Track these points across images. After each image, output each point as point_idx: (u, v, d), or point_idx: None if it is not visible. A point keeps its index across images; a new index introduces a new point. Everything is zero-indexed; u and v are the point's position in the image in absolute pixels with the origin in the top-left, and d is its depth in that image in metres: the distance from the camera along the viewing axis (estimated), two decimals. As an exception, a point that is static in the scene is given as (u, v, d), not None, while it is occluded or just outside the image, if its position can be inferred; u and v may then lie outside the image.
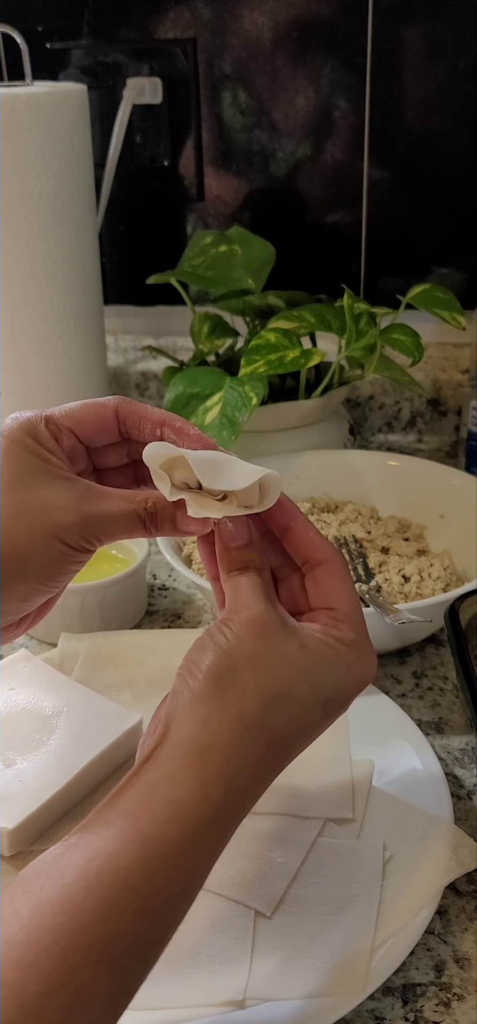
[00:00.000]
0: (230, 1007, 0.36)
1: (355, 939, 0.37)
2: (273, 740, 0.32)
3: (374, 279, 0.89)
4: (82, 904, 0.27)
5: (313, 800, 0.45)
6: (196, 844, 0.29)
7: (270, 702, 0.32)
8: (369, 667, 0.36)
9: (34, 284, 0.74)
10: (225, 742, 0.31)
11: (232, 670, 0.32)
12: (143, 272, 0.79)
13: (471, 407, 0.79)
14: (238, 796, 0.31)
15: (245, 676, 0.32)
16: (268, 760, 0.32)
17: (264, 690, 0.32)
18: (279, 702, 0.32)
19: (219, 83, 0.85)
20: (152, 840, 0.29)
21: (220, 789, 0.30)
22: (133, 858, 0.28)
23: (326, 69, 0.83)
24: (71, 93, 0.73)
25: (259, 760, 0.32)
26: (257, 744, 0.31)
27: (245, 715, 0.31)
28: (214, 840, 0.30)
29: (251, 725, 0.31)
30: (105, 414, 0.38)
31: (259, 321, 0.75)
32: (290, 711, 0.32)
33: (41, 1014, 0.25)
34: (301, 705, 0.33)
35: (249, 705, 0.31)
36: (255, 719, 0.31)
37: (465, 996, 0.37)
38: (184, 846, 0.29)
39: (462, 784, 0.47)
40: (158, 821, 0.29)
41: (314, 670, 0.33)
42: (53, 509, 0.35)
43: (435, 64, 0.81)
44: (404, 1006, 0.36)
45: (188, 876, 0.29)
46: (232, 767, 0.30)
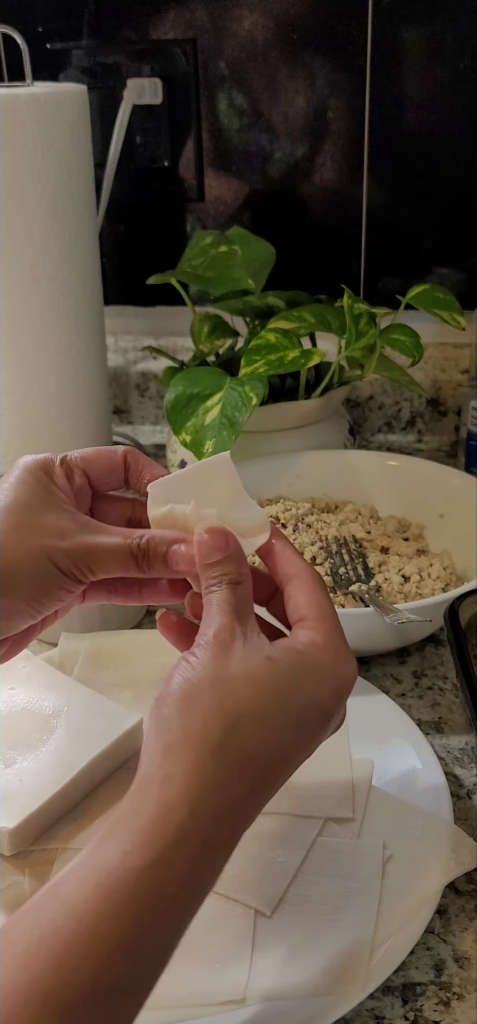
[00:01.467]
0: (230, 1006, 0.36)
1: (355, 938, 0.38)
2: (242, 762, 0.31)
3: (374, 279, 0.89)
4: (35, 955, 0.26)
5: (313, 799, 0.45)
6: (158, 871, 0.28)
7: (234, 722, 0.31)
8: (346, 669, 0.34)
9: (34, 284, 0.74)
10: (188, 765, 0.30)
11: (196, 693, 0.31)
12: (143, 272, 0.79)
13: (471, 407, 0.79)
14: (208, 821, 0.29)
15: (207, 698, 0.31)
16: (240, 785, 0.31)
17: (226, 710, 0.31)
18: (243, 720, 0.31)
19: (219, 84, 0.86)
20: (111, 873, 0.28)
21: (183, 812, 0.29)
22: (89, 897, 0.27)
23: (326, 70, 0.83)
24: (71, 94, 0.73)
25: (229, 784, 0.30)
26: (225, 767, 0.30)
27: (208, 737, 0.30)
28: (185, 867, 0.29)
29: (215, 747, 0.30)
30: (115, 459, 0.40)
31: (259, 321, 0.75)
32: (258, 730, 0.31)
33: None
34: (270, 723, 0.32)
35: (211, 727, 0.30)
36: (218, 741, 0.30)
37: (465, 995, 0.37)
38: (145, 875, 0.28)
39: (462, 784, 0.48)
40: (119, 854, 0.28)
41: (282, 682, 0.32)
42: (51, 533, 0.36)
43: (435, 65, 0.81)
44: (404, 1005, 0.37)
45: (151, 909, 0.28)
46: (196, 790, 0.29)
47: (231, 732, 0.31)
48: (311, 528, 0.62)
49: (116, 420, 0.96)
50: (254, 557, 0.40)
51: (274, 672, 0.32)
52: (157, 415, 0.96)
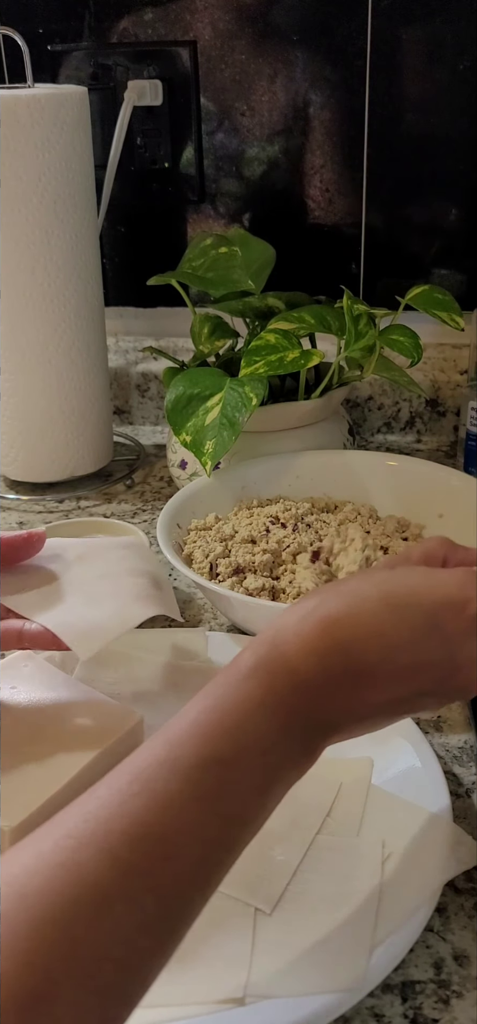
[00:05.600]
0: (230, 1004, 0.36)
1: (354, 936, 0.38)
2: (324, 620, 0.33)
3: (373, 280, 0.89)
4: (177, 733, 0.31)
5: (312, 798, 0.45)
6: (237, 687, 0.31)
7: (328, 595, 0.34)
8: (464, 583, 0.34)
9: (35, 286, 0.75)
10: (278, 621, 0.34)
11: (313, 591, 0.36)
12: (144, 273, 0.79)
13: (470, 407, 0.79)
14: (282, 657, 0.32)
15: (319, 589, 0.35)
16: (318, 635, 0.33)
17: (330, 586, 0.35)
18: (335, 595, 0.34)
19: (219, 85, 0.86)
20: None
21: (265, 646, 0.33)
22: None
23: (326, 71, 0.83)
24: (72, 95, 0.73)
25: (308, 633, 0.33)
26: (307, 619, 0.33)
27: (303, 603, 0.34)
28: (259, 688, 0.32)
29: (304, 608, 0.33)
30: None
31: (259, 322, 0.75)
32: (344, 601, 0.33)
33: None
34: (358, 596, 0.33)
35: (310, 597, 0.34)
36: (311, 604, 0.33)
37: (464, 993, 0.37)
38: (225, 689, 0.31)
39: (461, 782, 0.48)
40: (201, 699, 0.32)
41: (388, 576, 0.34)
42: None
43: (434, 66, 0.81)
44: (403, 1003, 0.37)
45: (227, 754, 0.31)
46: (280, 635, 0.33)
47: (323, 600, 0.34)
48: (311, 528, 0.62)
49: (117, 420, 0.96)
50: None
51: (387, 572, 0.35)
52: (158, 415, 0.96)
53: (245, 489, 0.68)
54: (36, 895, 0.26)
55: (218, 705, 0.32)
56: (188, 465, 0.74)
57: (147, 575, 0.49)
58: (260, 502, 0.66)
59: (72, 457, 0.81)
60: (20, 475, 0.82)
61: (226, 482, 0.67)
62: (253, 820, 0.31)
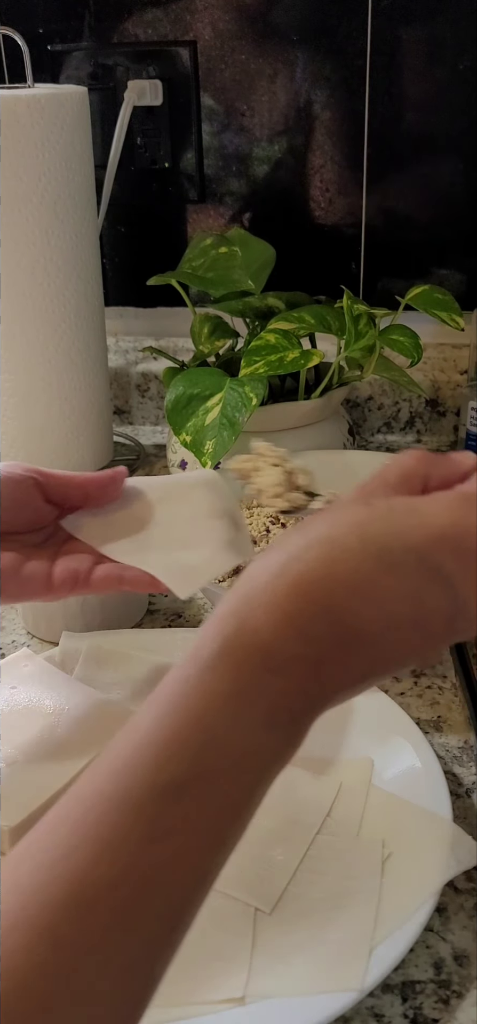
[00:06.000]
0: (230, 1004, 0.36)
1: (354, 936, 0.38)
2: (299, 583, 0.27)
3: (373, 280, 0.89)
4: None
5: (312, 798, 0.45)
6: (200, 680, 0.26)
7: (297, 550, 0.28)
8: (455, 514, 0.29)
9: (35, 285, 0.74)
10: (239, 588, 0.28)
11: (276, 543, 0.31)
12: (144, 273, 0.79)
13: (470, 407, 0.79)
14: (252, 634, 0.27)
15: (283, 539, 0.29)
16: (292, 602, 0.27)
17: (296, 534, 0.29)
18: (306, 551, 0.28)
19: (219, 85, 0.86)
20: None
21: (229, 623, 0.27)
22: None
23: (326, 71, 0.83)
24: (72, 95, 0.73)
25: (279, 601, 0.27)
26: (278, 584, 0.27)
27: (268, 564, 0.28)
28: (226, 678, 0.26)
29: (271, 569, 0.28)
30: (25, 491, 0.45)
31: (259, 322, 0.75)
32: (319, 555, 0.27)
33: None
34: (336, 547, 0.28)
35: (275, 554, 0.28)
36: (278, 564, 0.28)
37: (464, 993, 0.37)
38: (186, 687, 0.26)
39: (461, 782, 0.48)
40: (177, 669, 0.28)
41: (367, 515, 0.29)
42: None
43: (434, 65, 0.81)
44: (403, 1003, 0.37)
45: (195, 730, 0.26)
46: (245, 605, 0.27)
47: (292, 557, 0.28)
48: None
49: (117, 420, 0.96)
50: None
51: (364, 509, 0.29)
52: (158, 415, 0.96)
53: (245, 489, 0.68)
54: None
55: (173, 710, 0.26)
56: (188, 465, 0.74)
57: (227, 515, 0.48)
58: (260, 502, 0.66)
59: (72, 457, 0.81)
60: (20, 475, 0.82)
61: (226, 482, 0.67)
62: (233, 839, 0.26)
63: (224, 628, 0.27)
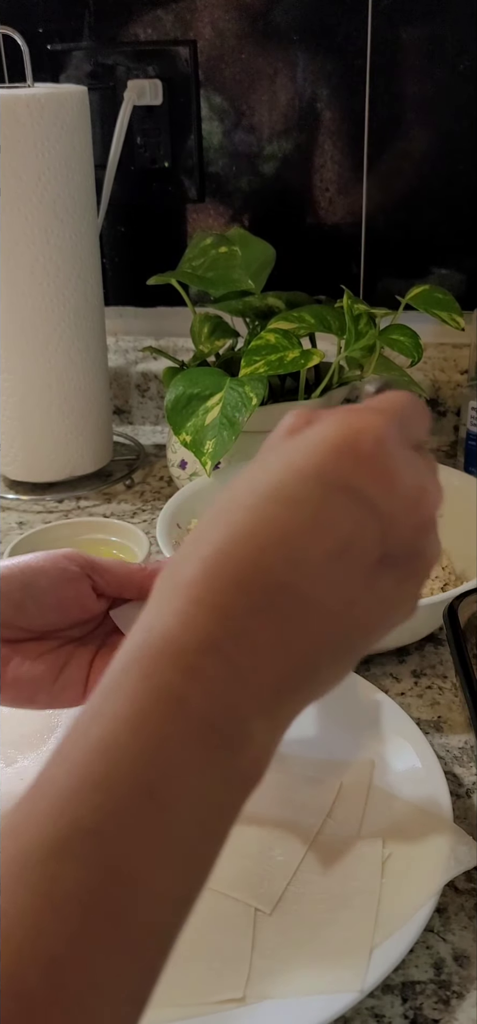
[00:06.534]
0: (230, 1005, 0.36)
1: (354, 937, 0.38)
2: (206, 561, 0.24)
3: (373, 280, 0.89)
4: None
5: (313, 798, 0.45)
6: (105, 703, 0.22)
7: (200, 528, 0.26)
8: (341, 423, 0.25)
9: (35, 285, 0.74)
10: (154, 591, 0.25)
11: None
12: (143, 273, 0.79)
13: (470, 407, 0.79)
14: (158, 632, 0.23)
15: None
16: (211, 587, 0.24)
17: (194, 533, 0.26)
18: (206, 521, 0.25)
19: (219, 84, 0.86)
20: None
21: (137, 633, 0.24)
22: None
23: (326, 70, 0.83)
24: (72, 95, 0.73)
25: (188, 579, 0.24)
26: (189, 573, 0.24)
27: (172, 562, 0.26)
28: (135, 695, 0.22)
29: (174, 563, 0.25)
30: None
31: (259, 322, 0.75)
32: (218, 518, 0.25)
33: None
34: (228, 508, 0.25)
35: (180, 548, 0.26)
36: (184, 551, 0.25)
37: (464, 994, 0.37)
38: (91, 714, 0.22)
39: (461, 782, 0.48)
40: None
41: (253, 472, 0.26)
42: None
43: (434, 65, 0.81)
44: (403, 1004, 0.37)
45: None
46: (154, 608, 0.24)
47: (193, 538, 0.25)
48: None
49: (116, 420, 0.96)
50: None
51: (258, 466, 0.26)
52: (157, 415, 0.96)
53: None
54: None
55: (67, 750, 0.21)
56: (188, 465, 0.74)
57: None
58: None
59: (72, 457, 0.81)
60: (20, 475, 0.82)
61: (226, 482, 0.67)
62: (181, 905, 0.22)
63: (131, 639, 0.23)
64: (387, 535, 0.25)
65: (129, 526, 0.67)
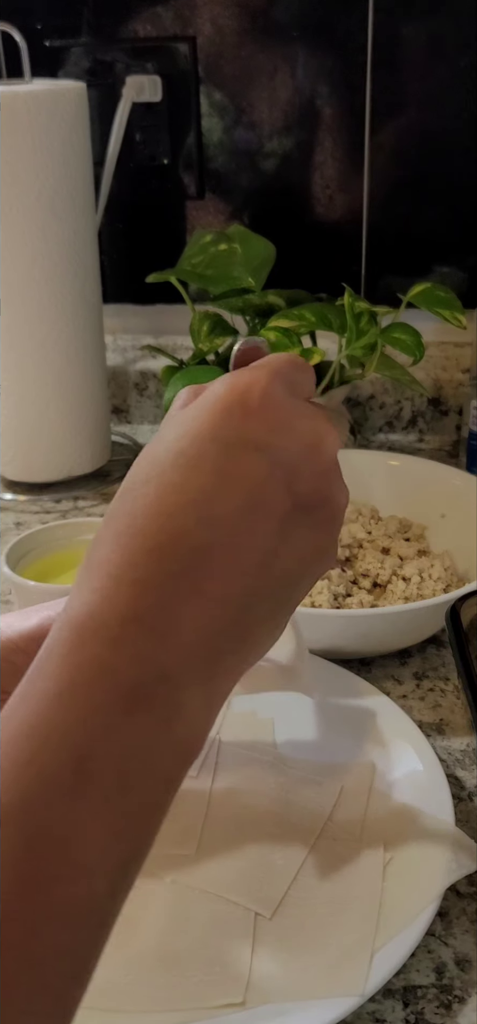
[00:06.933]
0: (230, 1009, 0.35)
1: (355, 941, 0.37)
2: (115, 531, 0.25)
3: (375, 278, 0.89)
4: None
5: (313, 802, 0.44)
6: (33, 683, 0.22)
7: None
8: (223, 382, 0.27)
9: (33, 283, 0.74)
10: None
11: None
12: (142, 271, 0.79)
13: (472, 406, 0.79)
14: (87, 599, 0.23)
15: None
16: (115, 557, 0.24)
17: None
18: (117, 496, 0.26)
19: (219, 81, 0.85)
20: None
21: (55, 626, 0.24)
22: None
23: (326, 67, 0.83)
24: (70, 91, 0.73)
25: (103, 557, 0.24)
26: (100, 544, 0.25)
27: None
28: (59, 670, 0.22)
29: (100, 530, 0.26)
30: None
31: (259, 320, 0.75)
32: (124, 491, 0.26)
33: None
34: (134, 478, 0.26)
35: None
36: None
37: (466, 998, 0.37)
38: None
39: (463, 785, 0.47)
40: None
41: (152, 444, 0.27)
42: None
43: (436, 62, 0.81)
44: (405, 1008, 0.36)
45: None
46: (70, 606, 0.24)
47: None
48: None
49: (115, 419, 0.96)
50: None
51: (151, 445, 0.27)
52: (156, 414, 0.96)
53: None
54: None
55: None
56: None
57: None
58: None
59: (69, 457, 0.81)
60: (17, 475, 0.81)
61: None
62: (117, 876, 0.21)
63: (54, 625, 0.24)
64: (292, 482, 0.26)
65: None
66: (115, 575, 0.23)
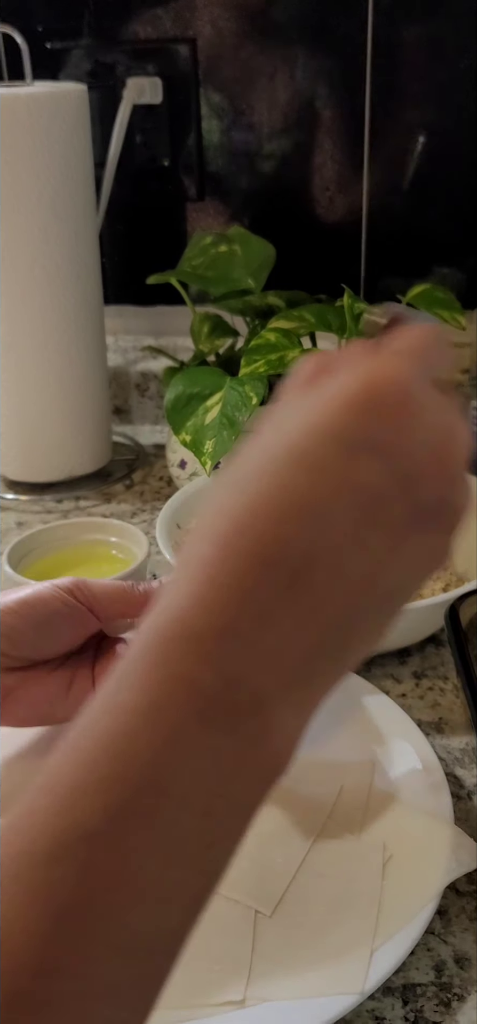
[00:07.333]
0: (230, 1007, 0.35)
1: (355, 939, 0.37)
2: (222, 532, 0.22)
3: (374, 279, 0.89)
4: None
5: (313, 800, 0.45)
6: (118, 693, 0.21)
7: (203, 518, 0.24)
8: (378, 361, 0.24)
9: (34, 284, 0.74)
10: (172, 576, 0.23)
11: None
12: (143, 272, 0.79)
13: (471, 407, 0.79)
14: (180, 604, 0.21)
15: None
16: (217, 559, 0.22)
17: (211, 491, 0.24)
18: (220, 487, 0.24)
19: (219, 83, 0.85)
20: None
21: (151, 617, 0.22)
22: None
23: (326, 68, 0.83)
24: (71, 93, 0.73)
25: (204, 558, 0.22)
26: (200, 540, 0.23)
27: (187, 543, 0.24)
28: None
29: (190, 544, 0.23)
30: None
31: (259, 321, 0.75)
32: (235, 489, 0.23)
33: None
34: (247, 477, 0.23)
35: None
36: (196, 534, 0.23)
37: (465, 996, 0.37)
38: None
39: (462, 784, 0.47)
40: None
41: (267, 434, 0.24)
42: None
43: (435, 64, 0.81)
44: (404, 1006, 0.36)
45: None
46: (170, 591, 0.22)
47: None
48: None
49: (116, 420, 0.96)
50: None
51: (264, 431, 0.25)
52: (157, 415, 0.96)
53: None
54: None
55: (76, 741, 0.20)
56: (188, 465, 0.74)
57: None
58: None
59: (71, 457, 0.81)
60: (19, 475, 0.82)
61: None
62: (191, 907, 0.21)
63: (147, 622, 0.22)
64: (414, 490, 0.23)
65: (129, 526, 0.67)
66: (214, 580, 0.21)
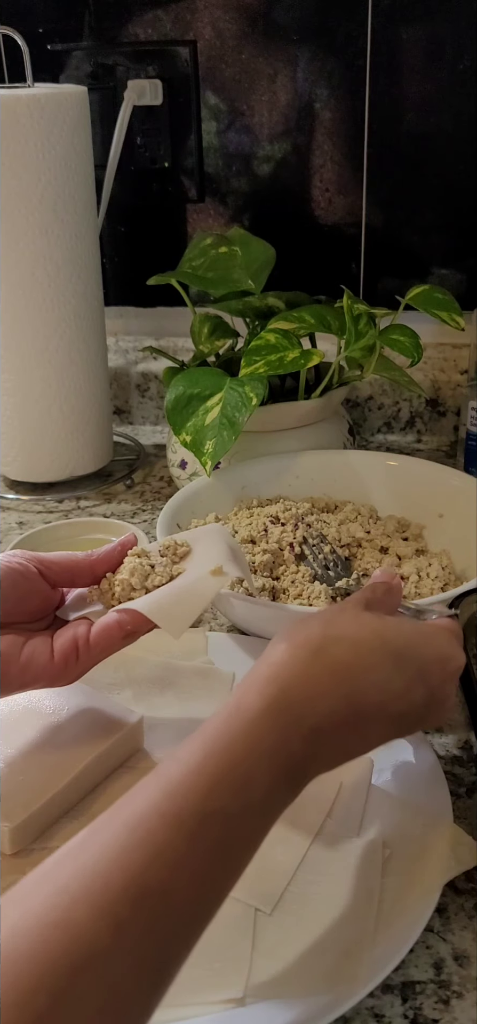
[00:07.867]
0: (230, 1004, 0.36)
1: (354, 936, 0.38)
2: (333, 667, 0.34)
3: (373, 280, 0.89)
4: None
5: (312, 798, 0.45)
6: (246, 734, 0.32)
7: (332, 637, 0.35)
8: (453, 650, 0.39)
9: (35, 285, 0.75)
10: (279, 658, 0.34)
11: (303, 622, 0.37)
12: (144, 273, 0.79)
13: (470, 407, 0.79)
14: (293, 703, 0.33)
15: (313, 625, 0.37)
16: (328, 682, 0.34)
17: (327, 624, 0.36)
18: (342, 641, 0.35)
19: (219, 85, 0.86)
20: (209, 737, 0.32)
21: (272, 687, 0.33)
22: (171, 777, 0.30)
23: (326, 71, 0.83)
24: (72, 95, 0.73)
25: (318, 678, 0.34)
26: (316, 663, 0.34)
27: (306, 642, 0.35)
28: (269, 736, 0.32)
29: (310, 647, 0.35)
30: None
31: (259, 322, 0.75)
32: (354, 649, 0.35)
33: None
34: (364, 645, 0.35)
35: (312, 636, 0.35)
36: (316, 644, 0.35)
37: (464, 994, 0.37)
38: (232, 735, 0.31)
39: (461, 782, 0.48)
40: (217, 720, 0.33)
41: (386, 628, 0.37)
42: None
43: (434, 66, 0.81)
44: (403, 1003, 0.37)
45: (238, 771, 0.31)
46: (286, 675, 0.33)
47: (327, 641, 0.35)
48: (311, 528, 0.62)
49: (117, 420, 0.96)
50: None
51: (380, 620, 0.37)
52: (157, 415, 0.96)
53: (245, 489, 0.68)
54: (27, 959, 0.24)
55: (219, 752, 0.31)
56: (188, 465, 0.74)
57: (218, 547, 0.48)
58: (260, 502, 0.66)
59: (72, 457, 0.81)
60: (20, 475, 0.82)
61: (226, 482, 0.67)
62: (247, 863, 0.32)
63: (265, 691, 0.33)
64: (426, 716, 0.38)
65: (129, 526, 0.67)
66: (322, 694, 0.34)
